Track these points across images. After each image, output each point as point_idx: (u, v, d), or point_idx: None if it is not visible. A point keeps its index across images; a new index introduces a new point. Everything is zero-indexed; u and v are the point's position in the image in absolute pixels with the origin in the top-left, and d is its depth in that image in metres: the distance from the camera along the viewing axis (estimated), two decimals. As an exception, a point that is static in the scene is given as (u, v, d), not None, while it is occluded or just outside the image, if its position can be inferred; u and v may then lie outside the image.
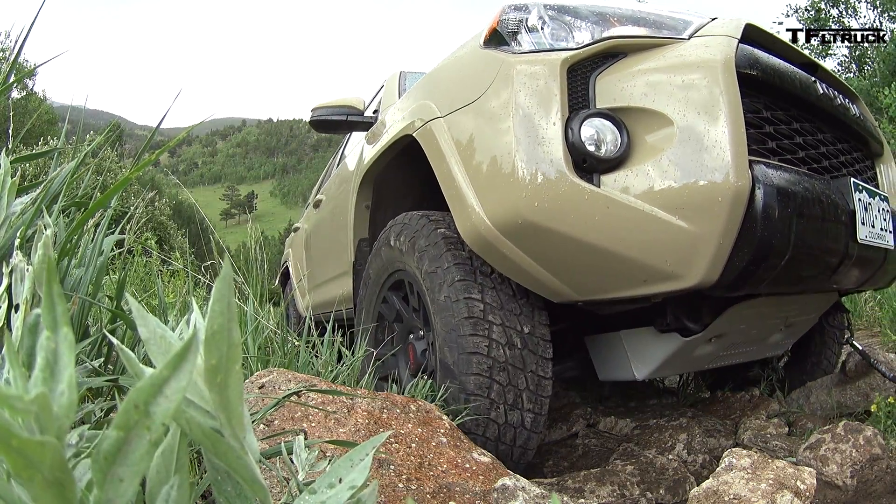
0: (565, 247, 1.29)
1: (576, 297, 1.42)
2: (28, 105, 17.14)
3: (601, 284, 1.35)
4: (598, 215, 1.23)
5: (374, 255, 1.96)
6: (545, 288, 1.44)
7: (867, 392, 1.98)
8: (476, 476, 1.07)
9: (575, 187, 1.24)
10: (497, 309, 1.49)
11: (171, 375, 0.28)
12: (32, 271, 0.57)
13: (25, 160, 1.08)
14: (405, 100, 2.10)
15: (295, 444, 0.71)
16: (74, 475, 0.28)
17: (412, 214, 1.78)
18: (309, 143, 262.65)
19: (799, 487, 0.91)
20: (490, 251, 1.43)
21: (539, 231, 1.29)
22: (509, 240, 1.36)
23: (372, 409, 1.11)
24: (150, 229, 9.66)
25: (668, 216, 1.17)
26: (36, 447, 0.23)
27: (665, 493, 1.48)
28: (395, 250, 1.80)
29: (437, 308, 1.55)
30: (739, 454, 1.01)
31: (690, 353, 1.68)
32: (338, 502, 0.48)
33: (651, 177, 1.20)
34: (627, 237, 1.22)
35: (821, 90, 1.54)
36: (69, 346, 0.29)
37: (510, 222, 1.33)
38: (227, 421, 0.36)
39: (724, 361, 1.90)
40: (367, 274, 2.03)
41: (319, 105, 2.68)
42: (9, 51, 16.16)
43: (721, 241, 1.16)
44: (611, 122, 1.28)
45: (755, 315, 1.65)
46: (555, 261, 1.35)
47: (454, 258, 1.55)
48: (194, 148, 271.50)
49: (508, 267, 1.44)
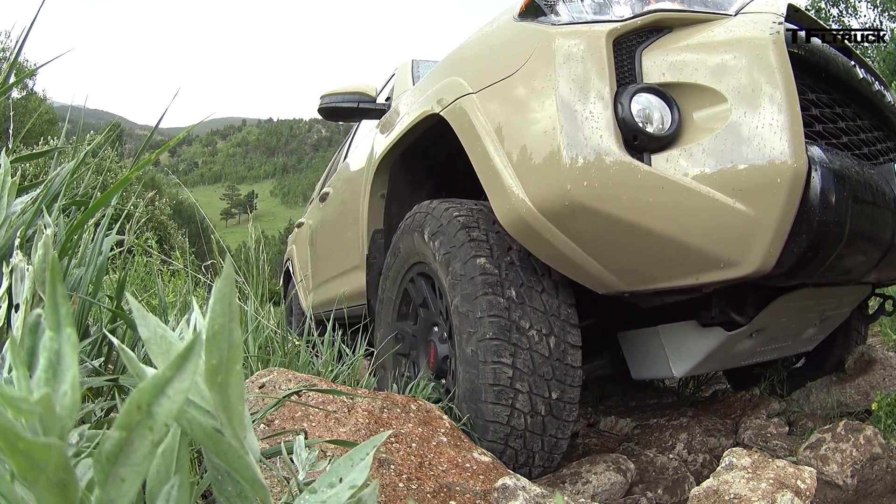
0: (615, 231, 1.20)
1: (623, 287, 1.32)
2: (28, 105, 17.14)
3: (652, 273, 1.26)
4: (652, 196, 1.14)
5: (398, 242, 1.84)
6: (591, 278, 1.34)
7: (867, 391, 1.98)
8: (476, 476, 1.07)
9: (627, 166, 1.15)
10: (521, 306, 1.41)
11: (174, 376, 0.28)
12: (32, 271, 0.57)
13: (25, 160, 1.08)
14: (426, 81, 1.97)
15: (295, 444, 0.72)
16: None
17: (436, 203, 1.68)
18: (309, 143, 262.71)
19: (799, 487, 0.91)
20: (532, 237, 1.33)
21: (587, 214, 1.19)
22: (554, 224, 1.26)
23: (372, 409, 1.11)
24: (150, 229, 9.66)
25: (726, 198, 1.10)
26: (41, 449, 0.23)
27: (665, 493, 1.48)
28: (419, 240, 1.70)
29: (457, 307, 1.47)
30: (740, 453, 1.01)
31: (731, 349, 1.61)
32: (338, 502, 0.48)
33: (705, 156, 1.13)
34: (683, 220, 1.13)
35: (860, 74, 1.49)
36: (72, 346, 0.29)
37: (555, 205, 1.23)
38: (228, 421, 0.36)
39: (759, 358, 1.83)
40: (388, 263, 1.93)
41: (329, 92, 2.56)
42: (9, 51, 16.16)
43: (779, 225, 1.09)
44: (661, 97, 1.21)
45: (797, 308, 1.58)
46: (603, 247, 1.25)
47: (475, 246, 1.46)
48: (194, 147, 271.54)
49: (551, 255, 1.34)
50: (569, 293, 1.47)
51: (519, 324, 1.37)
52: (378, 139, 2.39)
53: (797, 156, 1.08)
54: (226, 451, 0.36)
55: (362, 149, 2.80)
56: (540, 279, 1.44)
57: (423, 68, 2.70)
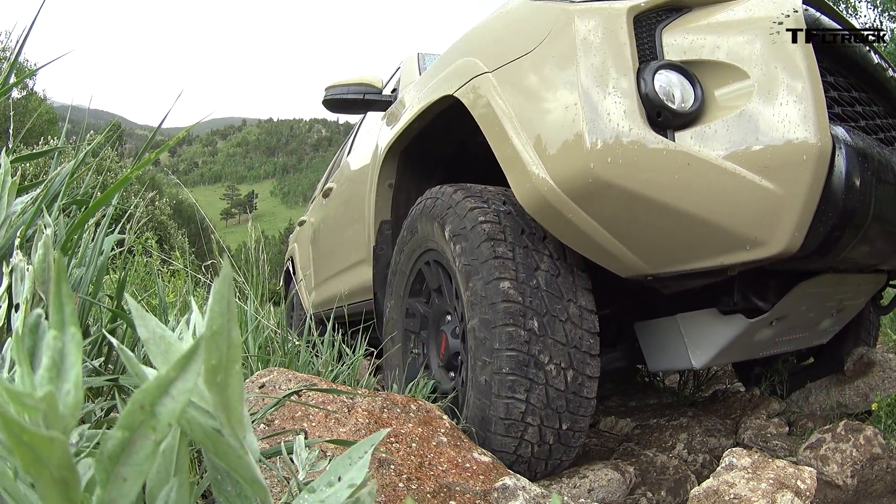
0: (639, 210, 1.17)
1: (648, 270, 1.29)
2: (28, 105, 17.14)
3: (677, 254, 1.23)
4: (678, 173, 1.12)
5: (415, 222, 1.78)
6: (613, 260, 1.30)
7: (866, 392, 1.98)
8: (476, 476, 1.07)
9: (652, 142, 1.13)
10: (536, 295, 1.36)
11: (178, 377, 0.29)
12: (33, 271, 0.57)
13: (25, 160, 1.08)
14: (436, 65, 1.92)
15: (295, 444, 0.72)
16: (77, 474, 0.28)
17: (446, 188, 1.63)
18: (309, 143, 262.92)
19: (799, 487, 0.91)
20: (553, 218, 1.29)
21: (611, 191, 1.17)
22: (576, 203, 1.22)
23: (372, 409, 1.11)
24: (150, 229, 9.67)
25: (753, 175, 1.08)
26: (45, 442, 0.23)
27: (666, 494, 1.48)
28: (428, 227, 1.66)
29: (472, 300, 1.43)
30: (740, 454, 1.01)
31: (751, 338, 1.57)
32: (337, 501, 0.48)
33: (730, 133, 1.11)
34: (709, 198, 1.11)
35: (875, 59, 1.48)
36: (76, 345, 0.29)
37: (578, 182, 1.19)
38: (227, 421, 0.36)
39: (777, 349, 1.79)
40: (403, 237, 1.87)
41: (334, 84, 2.51)
42: (9, 51, 16.16)
43: (805, 204, 1.08)
44: (683, 74, 1.19)
45: (816, 296, 1.56)
46: (626, 227, 1.22)
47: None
48: (194, 147, 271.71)
49: (573, 236, 1.31)
50: (593, 322, 1.42)
51: (538, 358, 1.33)
52: (384, 131, 2.34)
53: (822, 134, 1.06)
54: (225, 451, 0.36)
55: (368, 141, 2.75)
56: (565, 306, 1.38)
57: (429, 61, 2.67)
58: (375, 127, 2.64)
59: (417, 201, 1.78)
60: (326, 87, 2.52)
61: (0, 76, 1.02)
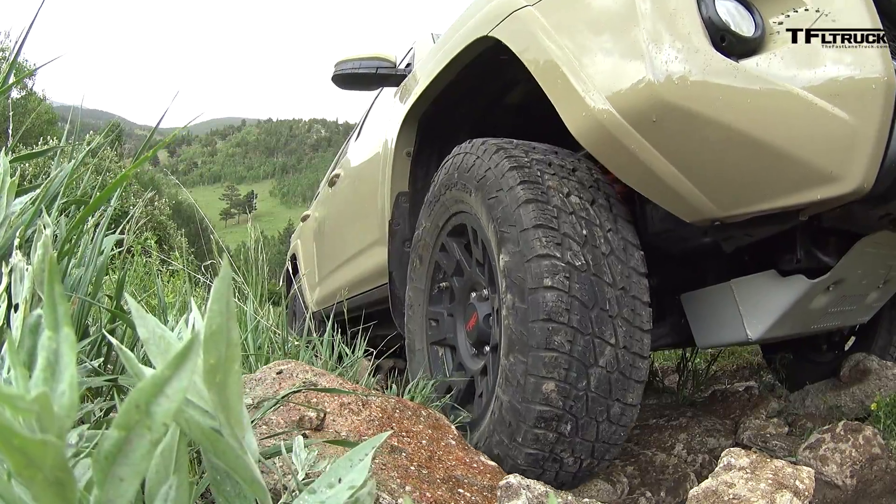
0: (709, 138, 1.09)
1: (716, 212, 1.19)
2: (27, 105, 17.14)
3: (749, 192, 1.14)
4: (750, 98, 1.05)
5: (448, 187, 1.62)
6: (679, 200, 1.20)
7: (862, 399, 1.95)
8: (483, 473, 1.10)
9: (720, 64, 1.06)
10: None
11: (173, 375, 0.29)
12: (32, 271, 0.57)
13: (25, 159, 1.08)
14: (462, 16, 1.80)
15: (295, 444, 0.72)
16: (74, 475, 0.28)
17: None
18: (308, 143, 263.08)
19: (798, 487, 0.91)
20: (612, 149, 1.19)
21: (679, 116, 1.09)
22: (639, 131, 1.13)
23: (385, 407, 1.14)
24: (149, 229, 9.67)
25: (824, 103, 1.02)
26: (38, 446, 0.23)
27: (665, 495, 1.48)
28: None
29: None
30: (738, 454, 1.01)
31: (807, 306, 1.49)
32: (337, 502, 0.48)
33: (795, 61, 1.06)
34: (783, 126, 1.05)
35: None
36: (71, 346, 0.29)
37: (642, 107, 1.11)
38: (227, 420, 0.36)
39: (826, 322, 1.71)
40: (434, 192, 1.73)
41: (345, 58, 2.37)
42: (8, 51, 16.17)
43: (878, 135, 1.02)
44: (740, 3, 1.13)
45: (872, 257, 1.50)
46: (694, 159, 1.13)
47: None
48: (194, 148, 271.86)
49: (634, 171, 1.21)
50: (644, 345, 1.28)
51: (576, 394, 1.21)
52: (398, 106, 2.20)
53: (886, 63, 1.02)
54: (224, 450, 0.36)
55: (382, 116, 2.62)
56: (614, 330, 1.24)
57: None
58: (388, 104, 2.53)
59: (446, 158, 1.66)
60: (337, 63, 2.38)
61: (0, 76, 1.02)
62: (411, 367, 1.82)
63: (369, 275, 2.53)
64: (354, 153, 3.10)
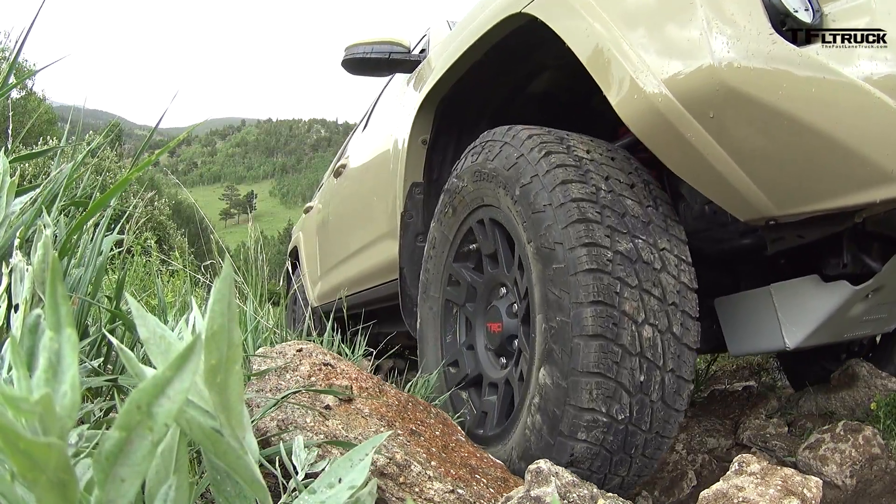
0: (770, 128, 1.02)
1: (772, 210, 1.12)
2: (27, 105, 17.13)
3: (808, 189, 1.07)
4: (814, 87, 0.98)
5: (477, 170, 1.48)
6: (733, 196, 1.13)
7: (853, 407, 1.91)
8: (495, 467, 1.14)
9: (785, 50, 0.99)
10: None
11: (175, 376, 0.29)
12: (32, 271, 0.57)
13: (24, 159, 1.08)
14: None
15: (294, 444, 0.72)
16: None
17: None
18: (308, 143, 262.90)
19: (806, 495, 0.92)
20: (666, 136, 1.12)
21: (740, 102, 1.02)
22: (696, 119, 1.06)
23: (400, 398, 1.17)
24: (149, 229, 9.66)
25: (888, 98, 0.96)
26: (42, 449, 0.23)
27: (660, 494, 1.48)
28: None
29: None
30: (749, 460, 1.02)
31: (846, 313, 1.43)
32: (337, 502, 0.48)
33: (855, 52, 0.99)
34: (846, 119, 0.98)
35: None
36: (72, 346, 0.29)
37: (702, 90, 1.04)
38: (227, 421, 0.36)
39: (860, 331, 1.65)
40: (455, 183, 1.61)
41: (356, 42, 2.26)
42: (9, 51, 16.16)
43: None
44: None
45: None
46: (753, 150, 1.06)
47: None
48: (194, 148, 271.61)
49: (689, 161, 1.14)
50: (690, 369, 1.21)
51: (620, 408, 1.15)
52: (411, 94, 2.11)
53: None
54: (225, 451, 0.36)
55: (394, 104, 2.49)
56: (662, 357, 1.17)
57: None
58: (400, 91, 2.43)
59: (471, 146, 1.55)
60: (347, 47, 2.28)
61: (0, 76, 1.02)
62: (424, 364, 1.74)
63: (377, 270, 2.44)
64: (362, 143, 3.00)
